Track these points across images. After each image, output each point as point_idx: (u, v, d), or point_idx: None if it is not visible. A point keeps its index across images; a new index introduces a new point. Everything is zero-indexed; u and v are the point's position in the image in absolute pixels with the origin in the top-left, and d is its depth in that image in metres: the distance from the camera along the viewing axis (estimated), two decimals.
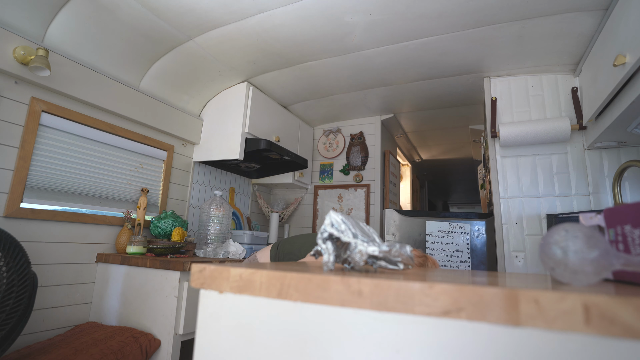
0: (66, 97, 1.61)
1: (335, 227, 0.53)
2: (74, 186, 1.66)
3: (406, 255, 0.53)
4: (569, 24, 1.57)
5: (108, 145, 1.81)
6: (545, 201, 1.86)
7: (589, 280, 0.42)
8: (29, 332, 1.42)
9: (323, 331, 0.41)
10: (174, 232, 1.88)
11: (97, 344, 1.30)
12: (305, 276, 0.43)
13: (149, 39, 1.73)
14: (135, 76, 1.90)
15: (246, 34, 1.76)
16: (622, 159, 1.76)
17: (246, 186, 2.82)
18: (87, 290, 1.66)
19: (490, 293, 0.34)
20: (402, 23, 1.65)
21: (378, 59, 1.99)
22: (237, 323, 0.46)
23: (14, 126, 1.43)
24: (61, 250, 1.57)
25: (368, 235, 0.56)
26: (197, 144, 2.33)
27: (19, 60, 1.39)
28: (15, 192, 1.42)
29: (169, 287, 1.46)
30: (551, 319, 0.32)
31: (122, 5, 1.51)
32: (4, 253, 1.10)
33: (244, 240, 2.01)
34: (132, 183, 1.93)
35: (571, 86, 1.90)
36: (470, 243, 2.18)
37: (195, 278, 0.50)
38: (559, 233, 0.44)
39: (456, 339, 0.35)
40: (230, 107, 2.25)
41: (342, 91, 2.45)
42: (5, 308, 1.08)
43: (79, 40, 1.59)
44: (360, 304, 0.39)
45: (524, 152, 1.96)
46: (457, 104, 2.58)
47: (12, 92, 1.43)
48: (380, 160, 2.90)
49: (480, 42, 1.77)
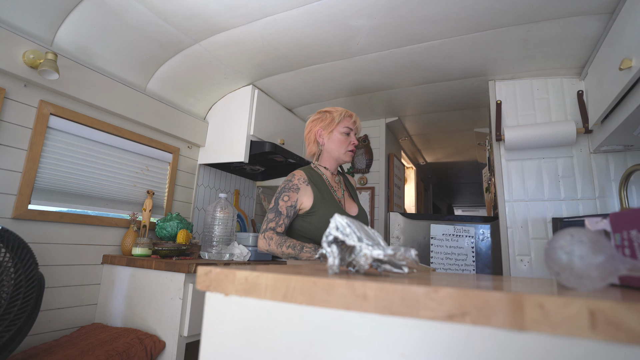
0: (74, 100, 1.63)
1: (340, 230, 0.54)
2: (80, 188, 1.67)
3: (411, 259, 0.53)
4: (574, 27, 1.57)
5: (114, 147, 1.83)
6: (551, 205, 1.85)
7: (595, 286, 0.41)
8: (36, 332, 1.44)
9: (328, 334, 0.42)
10: (179, 234, 1.89)
11: (103, 345, 1.31)
12: (311, 279, 0.43)
13: (155, 42, 1.75)
14: (142, 79, 1.92)
15: (252, 38, 1.77)
16: (628, 163, 1.75)
17: (251, 188, 2.83)
18: (92, 292, 1.68)
19: (495, 297, 0.34)
20: (407, 27, 1.65)
21: (383, 63, 1.99)
22: (242, 326, 0.47)
23: (22, 129, 1.45)
24: (68, 251, 1.59)
25: (373, 238, 0.56)
26: (203, 147, 2.34)
27: (29, 64, 1.42)
28: (24, 194, 1.44)
29: (174, 289, 1.47)
30: (556, 324, 0.32)
31: (130, 10, 1.53)
32: (12, 255, 1.12)
33: (248, 242, 2.02)
34: (138, 185, 1.94)
35: (577, 89, 1.89)
36: (475, 246, 2.17)
37: (201, 280, 0.51)
38: (565, 238, 0.44)
39: (461, 343, 0.36)
40: (236, 109, 2.27)
41: (346, 94, 2.45)
42: (13, 309, 1.09)
43: (87, 44, 1.62)
44: (365, 308, 0.40)
45: (529, 156, 1.95)
46: (461, 107, 2.58)
47: (21, 95, 1.45)
48: (384, 163, 2.89)
49: (485, 45, 1.77)
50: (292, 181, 1.31)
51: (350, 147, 1.41)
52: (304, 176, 1.33)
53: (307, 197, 1.30)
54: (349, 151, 1.41)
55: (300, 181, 1.31)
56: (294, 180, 1.31)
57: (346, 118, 1.42)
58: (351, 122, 1.42)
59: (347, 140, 1.41)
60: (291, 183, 1.30)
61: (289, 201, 1.26)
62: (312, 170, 1.39)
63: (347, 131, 1.41)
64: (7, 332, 1.07)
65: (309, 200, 1.29)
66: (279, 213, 1.25)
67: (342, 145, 1.40)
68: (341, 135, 1.40)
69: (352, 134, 1.42)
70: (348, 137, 1.41)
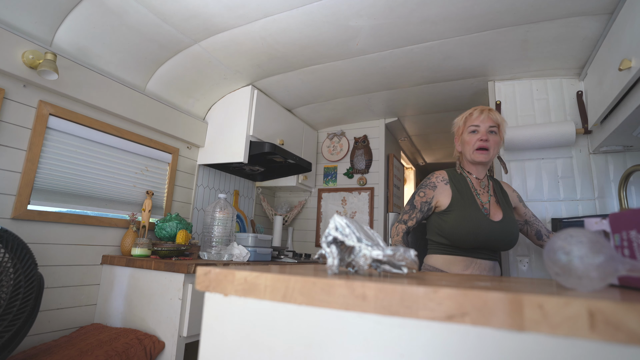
0: (73, 101, 1.63)
1: (340, 230, 0.54)
2: (80, 188, 1.67)
3: (410, 259, 0.53)
4: (573, 28, 1.57)
5: (114, 148, 1.83)
6: (550, 205, 1.85)
7: (594, 286, 0.41)
8: (35, 333, 1.43)
9: (327, 335, 0.42)
10: (179, 234, 1.89)
11: (102, 346, 1.30)
12: (310, 280, 0.43)
13: (155, 43, 1.75)
14: (142, 79, 1.92)
15: (251, 38, 1.77)
16: (627, 163, 1.75)
17: (250, 189, 2.83)
18: (92, 292, 1.68)
19: (494, 298, 0.34)
20: (406, 27, 1.65)
21: (382, 63, 1.99)
22: (241, 326, 0.47)
23: (22, 129, 1.45)
24: (67, 252, 1.58)
25: (372, 239, 0.56)
26: (202, 147, 2.34)
27: (28, 64, 1.41)
28: (23, 194, 1.43)
29: (173, 290, 1.47)
30: (556, 325, 0.32)
31: (129, 10, 1.53)
32: (11, 255, 1.12)
33: (247, 243, 2.02)
34: (138, 185, 1.94)
35: (576, 90, 1.89)
36: None
37: (200, 281, 0.51)
38: (564, 238, 0.44)
39: (460, 343, 0.35)
40: (235, 110, 2.27)
41: (346, 95, 2.45)
42: (12, 309, 1.09)
43: (87, 44, 1.62)
44: (364, 308, 0.40)
45: (528, 156, 1.95)
46: (461, 107, 2.58)
47: (20, 95, 1.45)
48: (384, 164, 2.89)
49: (485, 46, 1.77)
50: (430, 179, 1.36)
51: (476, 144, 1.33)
52: (445, 175, 1.37)
53: (445, 196, 1.32)
54: (476, 150, 1.34)
55: (438, 179, 1.35)
56: (432, 178, 1.36)
57: (468, 118, 1.38)
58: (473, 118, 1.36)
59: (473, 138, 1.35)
60: (429, 181, 1.35)
61: (424, 197, 1.32)
62: (456, 172, 1.40)
63: (473, 129, 1.36)
64: (6, 333, 1.07)
65: (447, 199, 1.31)
66: (413, 207, 1.33)
67: (468, 145, 1.36)
68: (468, 135, 1.37)
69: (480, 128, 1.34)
70: (475, 134, 1.35)
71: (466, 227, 1.24)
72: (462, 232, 1.24)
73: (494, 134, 1.33)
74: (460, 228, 1.25)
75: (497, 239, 1.25)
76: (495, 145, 1.33)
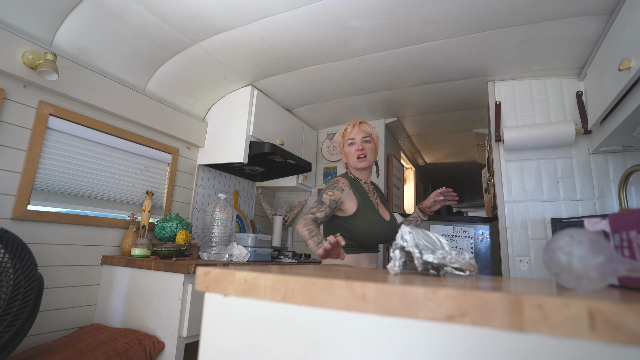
0: (73, 101, 1.63)
1: (404, 238, 0.65)
2: (80, 189, 1.67)
3: (465, 261, 0.61)
4: (573, 28, 1.57)
5: (114, 148, 1.83)
6: (550, 205, 1.85)
7: (594, 286, 0.41)
8: (35, 333, 1.43)
9: (327, 335, 0.42)
10: (179, 234, 1.89)
11: (102, 346, 1.30)
12: (310, 280, 0.43)
13: (155, 43, 1.75)
14: (141, 80, 1.92)
15: (251, 38, 1.77)
16: (627, 164, 1.75)
17: (250, 189, 2.83)
18: (92, 292, 1.67)
19: (494, 298, 0.34)
20: (406, 27, 1.65)
21: (382, 63, 1.99)
22: (241, 326, 0.47)
23: (22, 129, 1.45)
24: (67, 252, 1.58)
25: (434, 244, 0.67)
26: (202, 147, 2.34)
27: (28, 64, 1.41)
28: (23, 195, 1.43)
29: (173, 290, 1.47)
30: (555, 325, 0.32)
31: (129, 11, 1.53)
32: (11, 255, 1.12)
33: (247, 243, 2.02)
34: (137, 186, 1.94)
35: (576, 90, 1.89)
36: (474, 247, 2.17)
37: (200, 281, 0.51)
38: (564, 238, 0.44)
39: (460, 344, 0.35)
40: (235, 110, 2.27)
41: (346, 95, 2.45)
42: (12, 309, 1.09)
43: (87, 44, 1.62)
44: (365, 309, 0.40)
45: (528, 156, 1.95)
46: (461, 107, 2.58)
47: (20, 96, 1.45)
48: (384, 164, 2.89)
49: (485, 46, 1.77)
50: (338, 183, 1.43)
51: (356, 154, 1.50)
52: (347, 182, 1.45)
53: (352, 202, 1.41)
54: (357, 159, 1.50)
55: (344, 185, 1.43)
56: (340, 183, 1.43)
57: (344, 133, 1.55)
58: (348, 133, 1.53)
59: (352, 149, 1.52)
60: (337, 184, 1.43)
61: (333, 196, 1.38)
62: (352, 178, 1.52)
63: (351, 142, 1.52)
64: (6, 333, 1.07)
65: (353, 205, 1.41)
66: (322, 203, 1.37)
67: (350, 156, 1.52)
68: (347, 148, 1.53)
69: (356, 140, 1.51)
70: (353, 146, 1.52)
71: (374, 229, 1.41)
72: (372, 234, 1.41)
73: (368, 142, 1.51)
74: (370, 231, 1.40)
75: (389, 236, 1.46)
76: (370, 151, 1.51)
